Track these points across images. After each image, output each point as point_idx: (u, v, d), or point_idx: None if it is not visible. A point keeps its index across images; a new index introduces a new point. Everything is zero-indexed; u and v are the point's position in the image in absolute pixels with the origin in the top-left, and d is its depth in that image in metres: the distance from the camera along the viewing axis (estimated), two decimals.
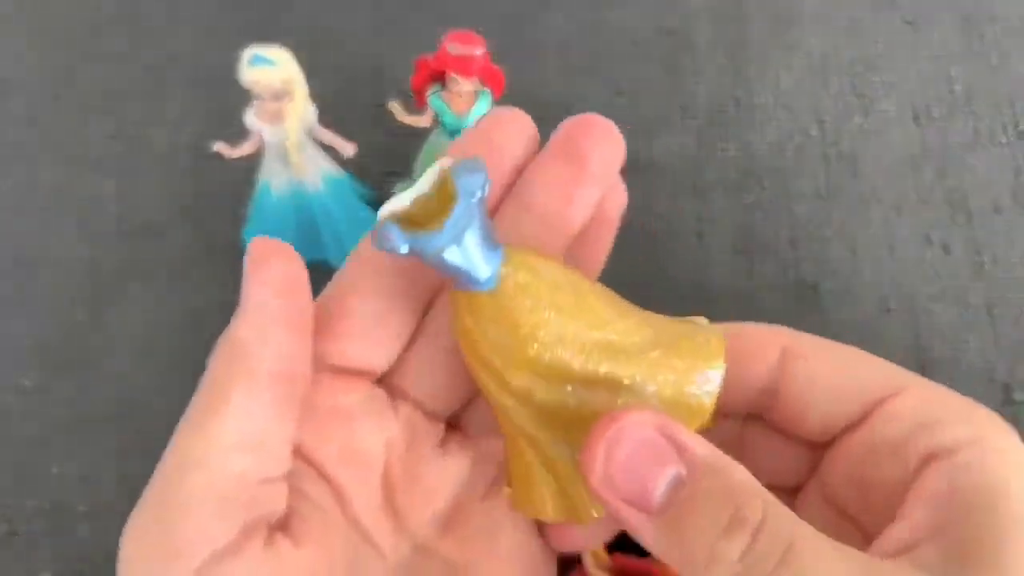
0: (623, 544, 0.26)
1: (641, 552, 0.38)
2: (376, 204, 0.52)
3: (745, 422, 0.24)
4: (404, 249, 0.18)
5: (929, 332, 0.49)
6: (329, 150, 0.47)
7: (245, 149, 0.45)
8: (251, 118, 0.44)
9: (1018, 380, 0.48)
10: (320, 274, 0.50)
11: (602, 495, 0.18)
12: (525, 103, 0.24)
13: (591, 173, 0.21)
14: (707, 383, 0.19)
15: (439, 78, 0.45)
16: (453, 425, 0.24)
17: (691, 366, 0.19)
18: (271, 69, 0.41)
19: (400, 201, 0.19)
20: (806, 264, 0.51)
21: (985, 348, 0.48)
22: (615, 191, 0.23)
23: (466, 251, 0.18)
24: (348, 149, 0.47)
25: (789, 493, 0.23)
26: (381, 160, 0.53)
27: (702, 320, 0.21)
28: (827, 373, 0.22)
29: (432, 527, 0.22)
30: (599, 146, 0.21)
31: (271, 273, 0.20)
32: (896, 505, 0.20)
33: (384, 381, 0.23)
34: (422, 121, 0.47)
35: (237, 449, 0.19)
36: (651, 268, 0.51)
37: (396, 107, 0.48)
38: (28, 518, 0.44)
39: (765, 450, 0.23)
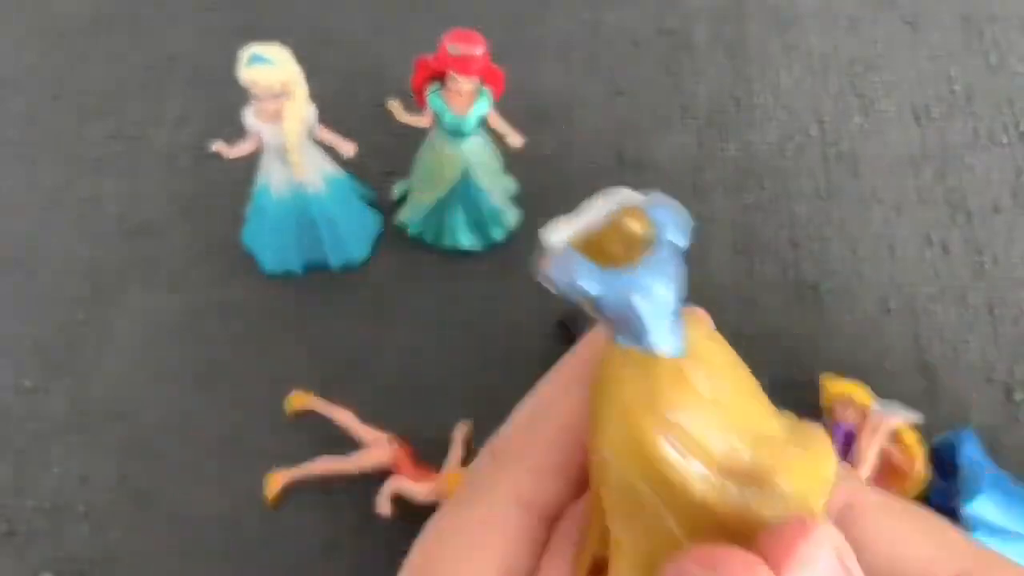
0: None
1: None
2: (376, 204, 0.52)
3: None
4: (595, 289, 0.14)
5: (929, 332, 0.49)
6: (329, 150, 0.47)
7: (244, 149, 0.45)
8: (251, 118, 0.44)
9: (1018, 380, 0.48)
10: (320, 275, 0.51)
11: None
12: (525, 103, 0.24)
13: None
14: (823, 484, 0.16)
15: (439, 77, 0.45)
16: None
17: (814, 465, 0.16)
18: (270, 69, 0.41)
19: (565, 228, 0.15)
20: (806, 264, 0.51)
21: (985, 348, 0.48)
22: None
23: (656, 302, 0.15)
24: (348, 149, 0.47)
25: None
26: (381, 160, 0.53)
27: (790, 415, 0.18)
28: (885, 543, 0.19)
29: None
30: None
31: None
32: None
33: None
34: (422, 121, 0.47)
35: None
36: None
37: (396, 107, 0.48)
38: (28, 518, 0.44)
39: None
